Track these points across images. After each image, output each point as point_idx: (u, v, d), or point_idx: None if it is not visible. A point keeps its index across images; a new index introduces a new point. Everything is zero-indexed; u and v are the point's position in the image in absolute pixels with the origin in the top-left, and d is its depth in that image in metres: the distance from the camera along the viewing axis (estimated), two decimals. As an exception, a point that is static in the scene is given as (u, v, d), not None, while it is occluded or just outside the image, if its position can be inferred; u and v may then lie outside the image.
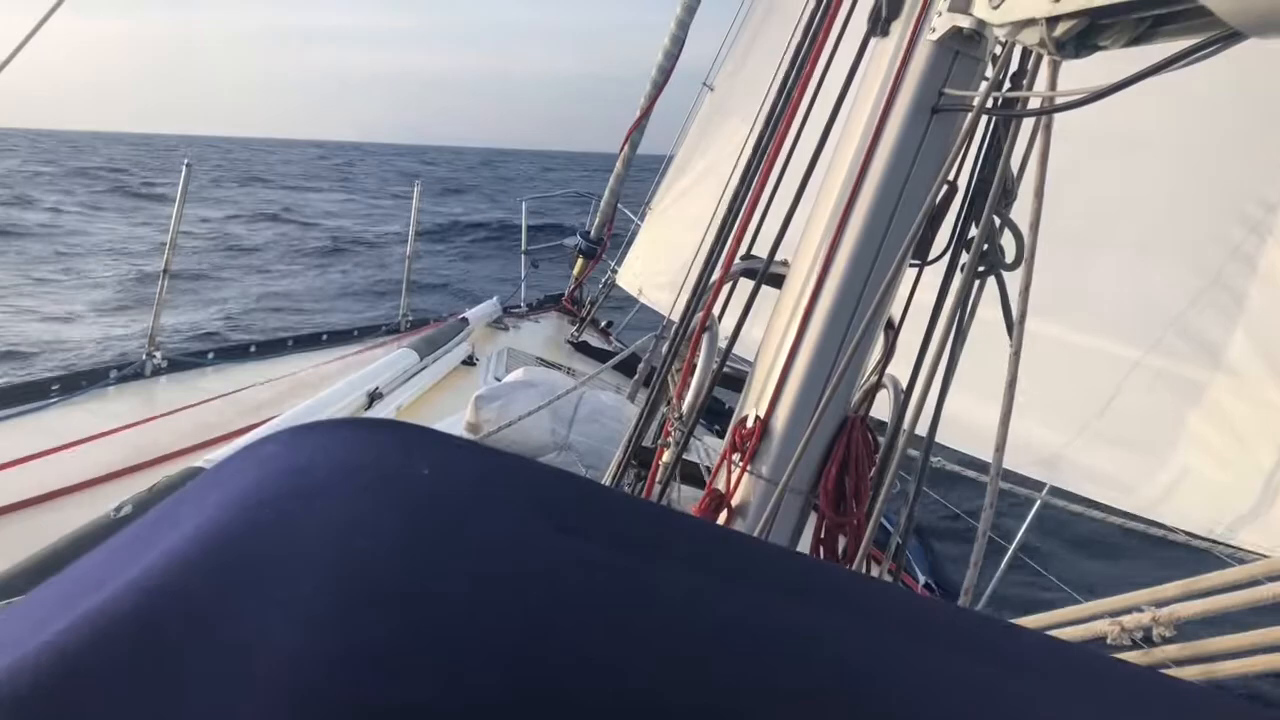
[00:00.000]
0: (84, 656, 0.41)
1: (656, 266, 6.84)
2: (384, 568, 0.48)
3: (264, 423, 3.77)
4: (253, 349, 5.81)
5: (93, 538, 2.53)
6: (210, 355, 5.52)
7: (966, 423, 2.21)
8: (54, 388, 4.41)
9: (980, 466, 3.39)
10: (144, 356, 4.97)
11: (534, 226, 9.36)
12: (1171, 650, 1.36)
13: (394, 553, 0.50)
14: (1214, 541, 3.22)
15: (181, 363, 5.20)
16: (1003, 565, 4.42)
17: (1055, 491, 3.91)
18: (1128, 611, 1.40)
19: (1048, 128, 1.67)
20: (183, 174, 5.06)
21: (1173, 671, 1.33)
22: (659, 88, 7.36)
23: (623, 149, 7.75)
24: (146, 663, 0.41)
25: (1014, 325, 1.72)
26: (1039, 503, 4.18)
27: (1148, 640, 1.37)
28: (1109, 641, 1.41)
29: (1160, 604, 1.37)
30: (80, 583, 0.48)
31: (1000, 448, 1.73)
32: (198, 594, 0.45)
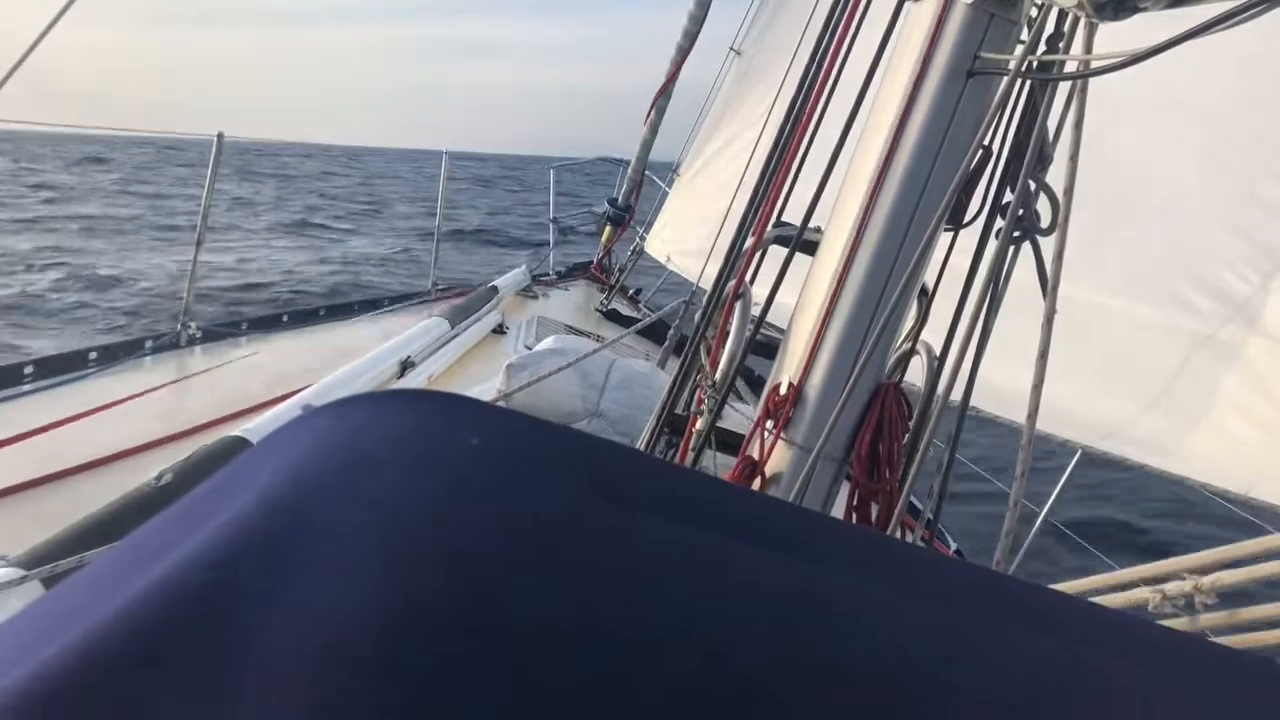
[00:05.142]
0: (154, 626, 0.42)
1: (685, 233, 6.82)
2: (436, 535, 0.50)
3: (298, 392, 3.80)
4: (285, 318, 5.85)
5: (137, 505, 2.58)
6: (243, 325, 5.57)
7: (1001, 388, 2.20)
8: (91, 357, 4.47)
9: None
10: (179, 327, 5.02)
11: None
12: (1214, 617, 1.35)
13: (445, 521, 0.51)
14: (1251, 500, 3.20)
15: (215, 333, 5.25)
16: (1034, 529, 4.41)
17: (1089, 454, 3.90)
18: (1168, 578, 1.39)
19: (1083, 91, 1.66)
20: (214, 145, 5.09)
21: (1216, 639, 1.33)
22: (684, 52, 7.29)
23: (649, 115, 7.71)
24: (210, 634, 0.42)
25: (1048, 292, 1.71)
26: (1073, 464, 4.17)
27: (1190, 608, 1.37)
28: (1150, 609, 1.41)
29: (1203, 570, 1.36)
30: (141, 553, 0.49)
31: (1033, 415, 1.73)
32: (259, 564, 0.46)
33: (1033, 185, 1.73)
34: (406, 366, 4.57)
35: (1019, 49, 1.65)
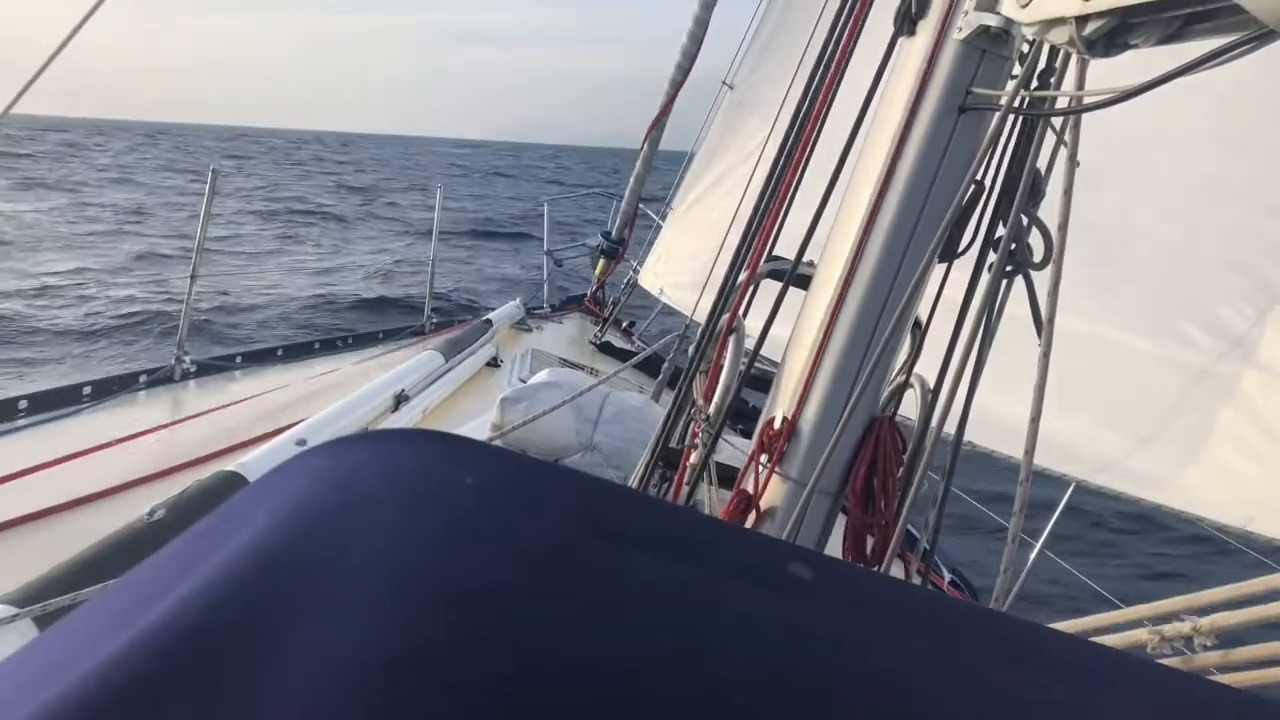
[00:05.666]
0: (151, 670, 0.42)
1: (678, 266, 6.84)
2: (434, 577, 0.49)
3: (292, 426, 3.79)
4: (279, 352, 5.84)
5: (129, 541, 2.56)
6: (238, 359, 5.56)
7: (994, 420, 2.20)
8: (85, 392, 4.45)
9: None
10: (173, 361, 5.01)
11: None
12: (1213, 657, 1.34)
13: (443, 562, 0.50)
14: (1247, 533, 3.20)
15: (209, 366, 5.24)
16: (1028, 563, 4.40)
17: (1083, 487, 3.90)
18: (1168, 617, 1.39)
19: (1076, 127, 1.67)
20: (209, 179, 5.10)
21: (1215, 679, 1.32)
22: (677, 85, 7.33)
23: (642, 148, 7.74)
24: (211, 676, 0.42)
25: (1043, 326, 1.71)
26: (1066, 498, 4.16)
27: (1188, 648, 1.35)
28: (1149, 650, 1.40)
29: (1202, 610, 1.35)
30: (140, 592, 0.49)
31: (1030, 451, 1.72)
32: (256, 607, 0.46)
33: (1025, 220, 1.74)
34: (401, 400, 4.56)
35: (1011, 85, 1.66)
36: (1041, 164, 1.74)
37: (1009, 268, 1.74)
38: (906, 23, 1.80)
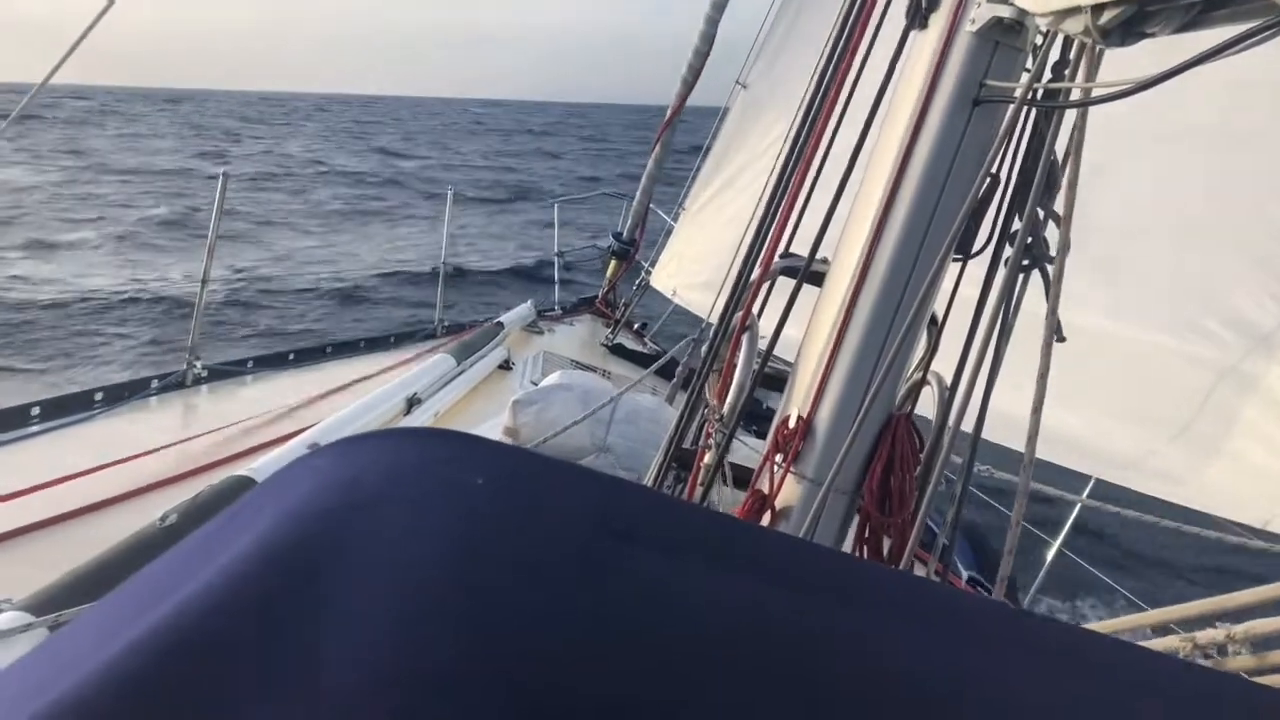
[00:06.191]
0: (153, 673, 0.42)
1: (691, 267, 6.83)
2: (442, 580, 0.48)
3: (304, 430, 3.79)
4: (291, 356, 5.85)
5: (141, 547, 2.56)
6: (250, 364, 5.57)
7: (1013, 418, 2.18)
8: (97, 398, 4.46)
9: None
10: (185, 366, 5.02)
11: None
12: (1247, 661, 1.32)
13: (451, 564, 0.49)
14: (1271, 534, 3.16)
15: (221, 371, 5.25)
16: (1048, 561, 4.36)
17: (1102, 485, 3.86)
18: (1198, 619, 1.36)
19: (1084, 118, 1.65)
20: (219, 184, 5.11)
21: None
22: (689, 86, 7.31)
23: (654, 149, 7.73)
24: (213, 678, 0.41)
25: (1046, 315, 1.69)
26: (1085, 494, 4.13)
27: (1221, 653, 1.33)
28: (1180, 657, 1.37)
29: (1233, 612, 1.33)
30: (142, 596, 0.48)
31: (1033, 438, 1.71)
32: (259, 609, 0.45)
33: (1040, 213, 1.72)
34: (413, 403, 4.56)
35: (1025, 77, 1.64)
36: (1056, 156, 1.72)
37: (1025, 261, 1.72)
38: (918, 16, 1.78)
